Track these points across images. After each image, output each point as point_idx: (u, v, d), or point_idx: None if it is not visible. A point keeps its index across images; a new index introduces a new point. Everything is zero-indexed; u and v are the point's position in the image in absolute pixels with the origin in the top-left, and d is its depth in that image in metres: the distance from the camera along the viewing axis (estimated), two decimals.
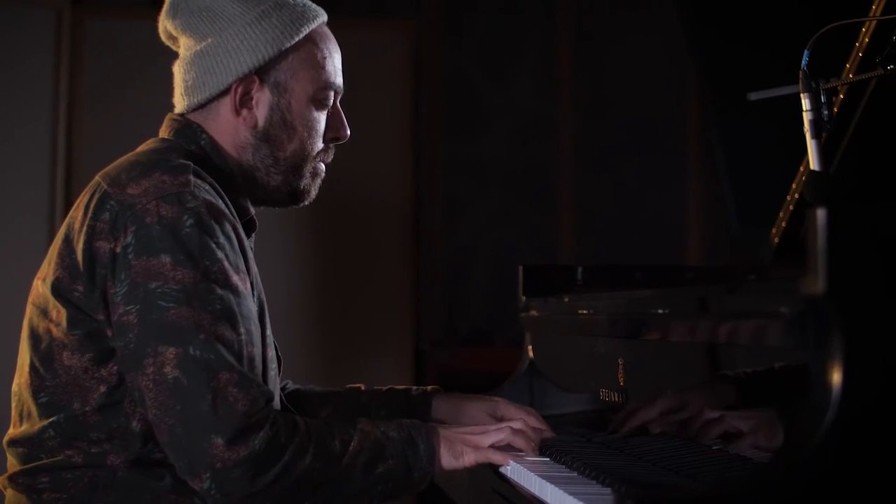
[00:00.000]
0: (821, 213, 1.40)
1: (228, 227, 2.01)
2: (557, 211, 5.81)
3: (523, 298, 2.77)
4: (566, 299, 2.63)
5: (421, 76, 5.69)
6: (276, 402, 2.14)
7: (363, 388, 2.43)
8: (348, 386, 2.45)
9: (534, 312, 2.73)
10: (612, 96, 5.85)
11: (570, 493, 1.71)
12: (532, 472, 1.92)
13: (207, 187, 2.03)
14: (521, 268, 2.79)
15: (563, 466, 1.98)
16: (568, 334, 2.58)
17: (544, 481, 1.83)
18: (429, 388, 2.40)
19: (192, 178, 2.01)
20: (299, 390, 2.45)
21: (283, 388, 2.40)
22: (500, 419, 2.24)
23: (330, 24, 2.25)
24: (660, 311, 1.98)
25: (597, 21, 5.85)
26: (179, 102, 2.20)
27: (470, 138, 5.77)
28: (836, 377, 1.40)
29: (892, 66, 2.27)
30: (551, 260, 5.73)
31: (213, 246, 1.96)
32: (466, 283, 5.73)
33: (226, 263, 1.97)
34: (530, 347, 2.74)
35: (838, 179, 2.46)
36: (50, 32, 5.17)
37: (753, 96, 2.32)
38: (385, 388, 2.43)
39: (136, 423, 1.97)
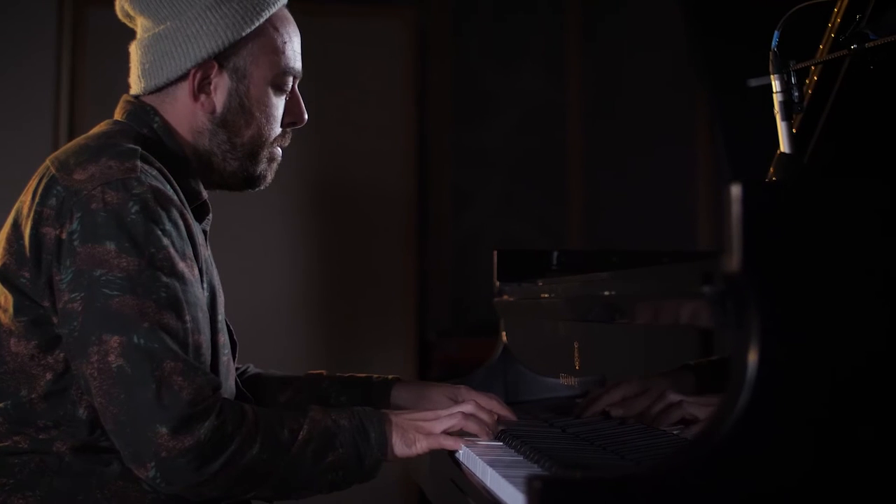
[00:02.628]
0: (735, 189, 1.37)
1: (175, 214, 1.99)
2: (566, 200, 5.77)
3: (497, 283, 2.74)
4: (539, 284, 2.61)
5: (426, 63, 5.65)
6: (231, 387, 2.13)
7: (325, 373, 2.41)
8: (310, 372, 2.43)
9: (507, 297, 2.71)
10: (620, 84, 5.81)
11: (505, 476, 1.69)
12: (479, 456, 1.90)
13: (155, 173, 2.01)
14: (495, 252, 2.76)
15: (514, 451, 1.96)
16: (533, 318, 2.56)
17: (487, 465, 1.81)
18: (390, 376, 2.38)
19: (139, 163, 1.99)
20: (259, 375, 2.43)
21: (243, 373, 2.39)
22: None
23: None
24: (606, 293, 1.95)
25: (604, 8, 5.81)
26: (136, 84, 2.19)
27: (477, 127, 5.73)
28: (752, 356, 1.37)
29: (856, 46, 2.24)
30: None
31: (159, 233, 1.94)
32: (473, 272, 5.69)
33: (172, 250, 1.95)
34: (504, 333, 2.71)
35: (809, 162, 2.42)
36: (52, 23, 5.17)
37: (753, 83, 2.29)
38: (346, 374, 2.41)
39: (83, 410, 1.96)
